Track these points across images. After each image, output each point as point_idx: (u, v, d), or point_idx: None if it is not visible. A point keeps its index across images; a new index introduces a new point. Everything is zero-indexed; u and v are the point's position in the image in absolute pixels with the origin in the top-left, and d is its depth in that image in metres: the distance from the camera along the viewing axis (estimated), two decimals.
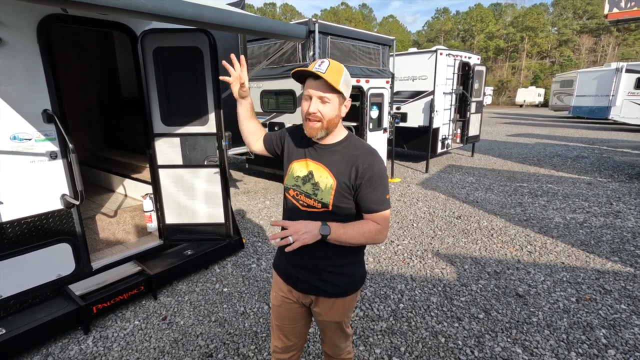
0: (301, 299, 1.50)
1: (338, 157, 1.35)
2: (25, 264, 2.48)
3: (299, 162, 1.42)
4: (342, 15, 63.10)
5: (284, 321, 1.57)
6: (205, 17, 2.18)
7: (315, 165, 1.37)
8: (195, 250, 3.46)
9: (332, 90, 1.28)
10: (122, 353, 2.41)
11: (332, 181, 1.32)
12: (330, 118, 1.30)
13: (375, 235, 1.33)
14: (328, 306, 1.46)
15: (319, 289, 1.43)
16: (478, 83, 8.65)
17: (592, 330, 2.61)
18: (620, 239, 4.17)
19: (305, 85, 1.32)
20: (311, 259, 1.39)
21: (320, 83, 1.27)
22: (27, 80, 2.33)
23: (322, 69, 1.25)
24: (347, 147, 1.37)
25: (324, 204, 1.33)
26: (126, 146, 4.83)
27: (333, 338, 1.58)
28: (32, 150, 2.41)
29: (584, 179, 6.98)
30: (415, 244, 4.16)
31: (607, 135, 13.68)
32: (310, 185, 1.36)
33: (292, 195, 1.42)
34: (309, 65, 1.30)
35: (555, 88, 23.12)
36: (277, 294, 1.56)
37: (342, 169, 1.32)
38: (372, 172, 1.30)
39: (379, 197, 1.32)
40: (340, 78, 1.28)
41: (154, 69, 3.04)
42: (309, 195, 1.36)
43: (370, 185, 1.30)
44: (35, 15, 2.33)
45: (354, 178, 1.31)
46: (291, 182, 1.42)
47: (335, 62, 1.29)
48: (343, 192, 1.32)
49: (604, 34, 48.52)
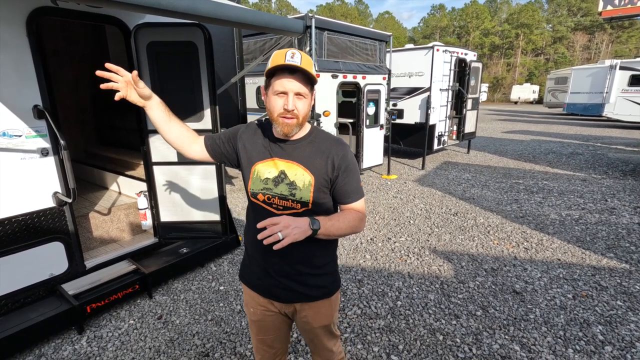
0: (283, 309, 1.41)
1: (309, 152, 1.27)
2: (17, 263, 2.43)
3: (264, 162, 1.29)
4: (337, 11, 62.80)
5: (267, 334, 1.48)
6: (200, 10, 2.12)
7: (286, 164, 1.27)
8: (191, 248, 3.42)
9: (308, 84, 1.19)
10: (116, 353, 2.38)
11: (310, 178, 1.24)
12: (305, 114, 1.22)
13: (359, 223, 1.31)
14: (315, 311, 1.38)
15: (303, 295, 1.34)
16: (474, 80, 8.65)
17: (589, 326, 2.61)
18: (616, 235, 4.19)
19: (275, 79, 1.17)
20: (292, 263, 1.31)
21: (296, 77, 1.16)
22: (16, 75, 2.26)
23: (297, 61, 1.13)
24: (315, 140, 1.30)
25: (303, 203, 1.25)
26: (120, 143, 4.76)
27: (324, 344, 1.48)
28: (23, 147, 2.35)
29: (578, 175, 7.02)
30: (412, 241, 4.15)
31: (601, 132, 13.78)
32: (285, 185, 1.25)
33: (262, 200, 1.29)
34: (272, 59, 1.17)
35: (550, 85, 23.24)
36: (255, 309, 1.44)
37: (317, 164, 1.26)
38: (347, 163, 1.27)
39: (355, 186, 1.31)
40: (313, 70, 1.19)
41: (148, 64, 2.98)
42: (285, 197, 1.25)
43: (347, 176, 1.28)
44: (24, 8, 2.25)
45: (330, 171, 1.26)
46: (259, 186, 1.28)
47: (303, 53, 1.18)
48: (322, 187, 1.26)
49: (598, 31, 48.83)
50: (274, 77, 1.18)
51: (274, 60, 1.16)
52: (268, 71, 1.18)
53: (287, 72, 1.15)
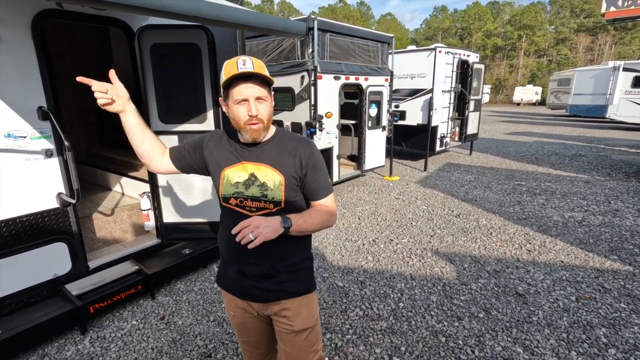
0: (262, 311, 1.40)
1: (276, 152, 1.30)
2: (21, 263, 2.45)
3: (232, 167, 1.31)
4: (340, 12, 62.93)
5: (250, 335, 1.50)
6: (203, 12, 2.13)
7: (255, 166, 1.29)
8: (194, 249, 3.43)
9: (265, 86, 1.22)
10: (119, 353, 2.38)
11: (280, 177, 1.28)
12: (269, 116, 1.25)
13: (330, 217, 1.34)
14: (296, 311, 1.36)
15: (280, 292, 1.34)
16: (477, 81, 8.64)
17: (592, 329, 2.60)
18: (619, 237, 4.17)
19: (232, 88, 1.19)
20: (268, 262, 1.32)
21: (253, 82, 1.19)
22: (21, 77, 2.28)
23: (250, 67, 1.17)
24: (281, 141, 1.33)
25: (276, 203, 1.28)
26: (123, 144, 4.77)
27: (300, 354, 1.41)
28: (27, 148, 2.37)
29: (582, 177, 6.99)
30: (414, 242, 4.14)
31: (604, 134, 13.73)
32: (257, 187, 1.28)
33: (234, 204, 1.31)
34: (225, 70, 1.20)
35: (553, 86, 23.16)
36: (235, 312, 1.45)
37: (285, 163, 1.29)
38: (314, 160, 1.31)
39: (324, 182, 1.35)
40: (266, 71, 1.22)
41: (151, 65, 3.00)
42: (257, 198, 1.28)
43: (315, 172, 1.32)
44: (29, 10, 2.28)
45: (299, 169, 1.29)
46: (230, 190, 1.30)
47: (253, 57, 1.21)
48: (292, 185, 1.30)
49: (601, 32, 48.70)
50: (231, 87, 1.20)
51: (227, 71, 1.18)
52: (224, 83, 1.20)
53: (243, 79, 1.18)
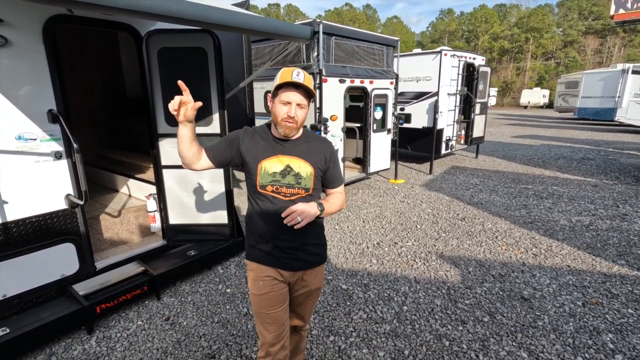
0: (289, 278, 1.66)
1: (306, 149, 1.59)
2: (30, 263, 2.49)
3: (268, 160, 1.55)
4: (345, 15, 63.07)
5: (276, 305, 1.64)
6: (210, 17, 2.17)
7: (290, 159, 1.56)
8: (199, 251, 3.46)
9: (307, 97, 1.50)
10: (125, 353, 2.41)
11: (310, 169, 1.57)
12: (302, 120, 1.53)
13: (344, 202, 1.70)
14: (313, 275, 1.71)
15: (308, 262, 1.66)
16: (482, 84, 8.60)
17: (598, 334, 2.57)
18: (627, 242, 4.12)
19: (282, 91, 1.47)
20: (299, 239, 1.60)
21: (299, 91, 1.46)
22: (32, 81, 2.33)
23: (301, 79, 1.44)
24: (307, 139, 1.63)
25: (306, 189, 1.57)
26: (130, 146, 4.84)
27: (311, 307, 1.83)
28: (37, 150, 2.42)
29: (589, 181, 6.92)
30: (419, 245, 4.13)
31: (613, 137, 13.56)
32: (292, 176, 1.55)
33: (271, 191, 1.56)
34: (281, 75, 1.45)
35: (561, 89, 22.98)
36: (265, 282, 1.63)
37: (315, 158, 1.59)
38: (334, 157, 1.66)
39: (340, 174, 1.70)
40: (312, 85, 1.50)
41: (159, 69, 3.04)
42: (292, 185, 1.55)
43: (334, 165, 1.65)
44: (41, 16, 2.33)
45: (323, 163, 1.61)
46: (267, 179, 1.55)
47: (305, 72, 1.48)
48: (318, 176, 1.60)
49: (610, 35, 48.16)
50: (281, 90, 1.48)
51: (283, 77, 1.45)
52: (278, 85, 1.47)
53: (292, 87, 1.46)
